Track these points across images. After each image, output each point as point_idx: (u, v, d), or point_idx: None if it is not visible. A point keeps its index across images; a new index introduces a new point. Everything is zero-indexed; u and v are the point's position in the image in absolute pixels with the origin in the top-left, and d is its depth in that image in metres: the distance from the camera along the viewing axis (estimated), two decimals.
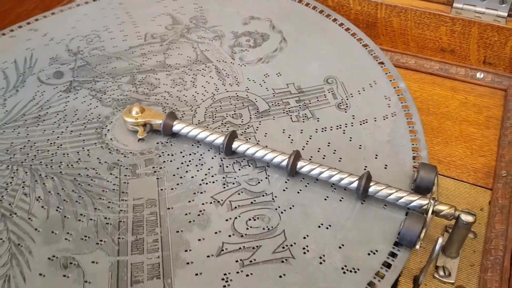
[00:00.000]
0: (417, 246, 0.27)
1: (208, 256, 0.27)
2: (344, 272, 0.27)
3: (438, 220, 0.31)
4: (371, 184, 0.29)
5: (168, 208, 0.30)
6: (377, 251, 0.27)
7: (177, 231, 0.28)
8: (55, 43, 0.43)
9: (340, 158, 0.32)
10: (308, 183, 0.31)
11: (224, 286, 0.26)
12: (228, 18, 0.45)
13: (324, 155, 0.33)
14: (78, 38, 0.44)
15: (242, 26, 0.44)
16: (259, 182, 0.31)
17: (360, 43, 0.41)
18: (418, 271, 0.31)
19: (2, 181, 0.31)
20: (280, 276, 0.26)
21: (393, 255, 0.27)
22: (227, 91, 0.38)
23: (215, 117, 0.36)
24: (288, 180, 0.31)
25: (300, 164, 0.31)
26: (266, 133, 0.35)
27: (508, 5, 0.41)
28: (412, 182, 0.31)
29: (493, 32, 0.41)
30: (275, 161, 0.31)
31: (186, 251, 0.27)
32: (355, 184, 0.30)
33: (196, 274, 0.26)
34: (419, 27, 0.44)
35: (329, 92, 0.38)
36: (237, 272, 0.26)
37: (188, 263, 0.27)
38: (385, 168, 0.32)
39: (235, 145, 0.32)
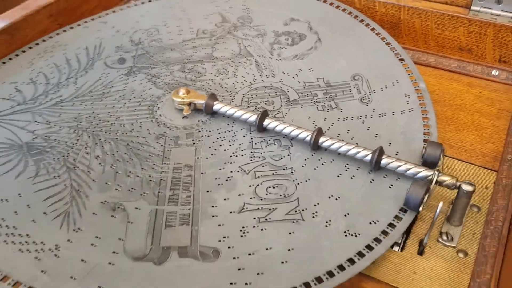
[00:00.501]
0: (420, 209, 0.31)
1: (230, 212, 0.32)
2: (345, 236, 0.31)
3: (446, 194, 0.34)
4: (383, 157, 0.34)
5: (202, 173, 0.35)
6: (378, 221, 0.31)
7: (207, 191, 0.34)
8: (121, 35, 0.50)
9: (357, 143, 0.36)
10: (324, 162, 0.36)
11: (241, 236, 0.31)
12: (271, 19, 0.50)
13: (343, 140, 0.37)
14: (140, 31, 0.50)
15: (283, 27, 0.49)
16: (281, 158, 0.36)
17: (384, 41, 0.45)
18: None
19: (69, 142, 0.38)
20: (290, 233, 0.31)
21: (397, 218, 0.31)
22: (263, 82, 0.43)
23: (250, 102, 0.41)
24: (307, 158, 0.36)
25: (321, 139, 0.35)
26: (293, 118, 0.39)
27: None
28: (421, 159, 0.35)
29: (507, 33, 0.44)
30: (301, 136, 0.36)
31: (212, 207, 0.33)
32: (369, 157, 0.34)
33: (219, 225, 0.31)
34: (439, 27, 0.47)
35: (354, 87, 0.42)
36: (253, 227, 0.31)
37: (213, 216, 0.32)
38: (396, 154, 0.36)
39: (266, 122, 0.37)
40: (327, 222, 0.31)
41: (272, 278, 0.28)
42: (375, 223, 0.31)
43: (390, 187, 0.34)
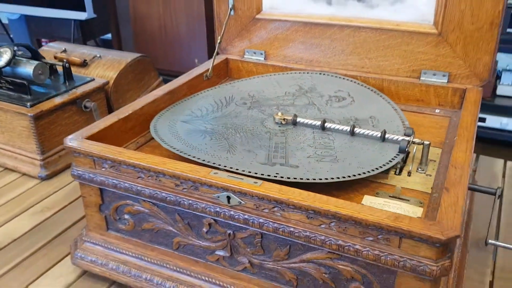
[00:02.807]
0: (407, 150, 0.67)
1: (306, 157, 0.69)
2: (365, 167, 0.66)
3: None
4: (387, 135, 0.70)
5: (289, 145, 0.72)
6: (385, 158, 0.67)
7: (297, 149, 0.70)
8: (243, 92, 0.91)
9: (369, 130, 0.73)
10: (352, 143, 0.72)
11: (309, 163, 0.67)
12: (326, 89, 0.90)
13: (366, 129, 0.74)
14: (253, 91, 0.91)
15: (333, 93, 0.88)
16: (331, 141, 0.73)
17: (385, 100, 0.83)
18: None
19: (223, 131, 0.76)
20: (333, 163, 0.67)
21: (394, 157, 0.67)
22: (320, 117, 0.81)
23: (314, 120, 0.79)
24: (345, 140, 0.72)
25: (356, 130, 0.72)
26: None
27: (446, 77, 0.82)
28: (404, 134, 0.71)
29: (443, 90, 0.82)
30: (334, 128, 0.73)
31: (296, 157, 0.69)
32: (378, 135, 0.70)
33: (297, 166, 0.68)
34: (406, 90, 0.85)
35: (370, 120, 0.79)
36: (309, 157, 0.67)
37: (298, 166, 0.68)
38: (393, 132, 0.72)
39: (325, 124, 0.75)
40: (357, 163, 0.67)
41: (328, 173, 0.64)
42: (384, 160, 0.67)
43: (390, 146, 0.69)
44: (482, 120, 2.52)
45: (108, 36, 3.43)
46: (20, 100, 1.00)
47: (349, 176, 0.63)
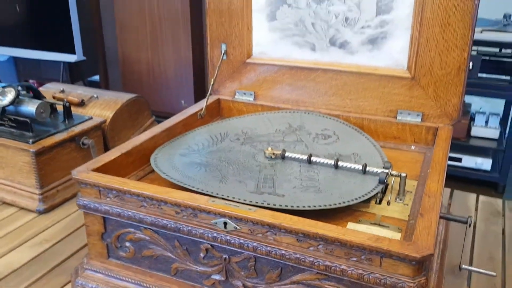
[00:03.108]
0: (386, 181, 0.73)
1: (292, 188, 0.75)
2: (346, 197, 0.73)
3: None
4: (367, 168, 0.77)
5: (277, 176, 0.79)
6: (367, 188, 0.74)
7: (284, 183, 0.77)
8: (236, 128, 0.98)
9: (352, 164, 0.80)
10: (335, 175, 0.79)
11: (294, 193, 0.73)
12: (314, 127, 0.97)
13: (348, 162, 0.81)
14: (246, 128, 0.98)
15: (320, 131, 0.96)
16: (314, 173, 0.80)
17: (365, 137, 0.91)
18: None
19: (218, 164, 0.83)
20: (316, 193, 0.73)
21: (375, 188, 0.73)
22: (307, 152, 0.88)
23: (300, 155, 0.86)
24: (329, 172, 0.79)
25: (339, 163, 0.79)
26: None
27: (420, 116, 0.90)
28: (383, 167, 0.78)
29: (417, 128, 0.90)
30: (319, 161, 0.80)
31: (282, 188, 0.76)
32: (360, 168, 0.77)
33: (283, 195, 0.74)
34: (383, 128, 0.93)
35: (353, 156, 0.87)
36: (294, 188, 0.74)
37: (284, 195, 0.75)
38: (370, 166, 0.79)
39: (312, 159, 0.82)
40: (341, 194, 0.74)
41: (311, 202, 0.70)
42: (365, 190, 0.74)
43: (371, 178, 0.76)
44: (458, 160, 2.63)
45: (96, 77, 3.51)
46: (22, 137, 1.05)
47: (330, 205, 0.70)
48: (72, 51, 2.48)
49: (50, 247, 0.95)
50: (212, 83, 1.04)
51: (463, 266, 0.77)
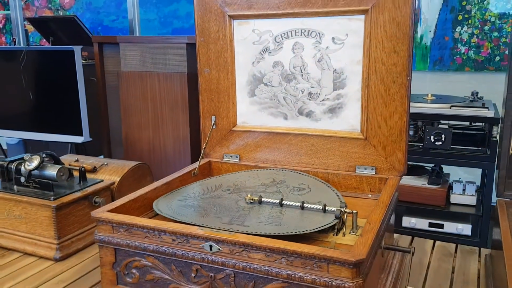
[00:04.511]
0: (340, 216, 0.93)
1: (257, 222, 0.94)
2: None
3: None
4: (327, 208, 0.97)
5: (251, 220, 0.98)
6: (325, 221, 0.93)
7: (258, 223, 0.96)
8: (228, 181, 1.18)
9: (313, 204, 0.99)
10: (301, 215, 0.98)
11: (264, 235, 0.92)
12: (293, 182, 1.18)
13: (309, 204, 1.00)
14: (238, 181, 1.19)
15: (297, 185, 1.16)
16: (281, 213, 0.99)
17: (330, 187, 1.11)
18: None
19: (203, 208, 1.02)
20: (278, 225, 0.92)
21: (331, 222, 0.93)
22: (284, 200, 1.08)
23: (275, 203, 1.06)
24: (295, 211, 0.99)
25: (305, 205, 0.99)
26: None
27: (374, 170, 1.11)
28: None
29: (372, 179, 1.10)
30: (289, 204, 1.00)
31: (250, 222, 0.95)
32: (321, 208, 0.97)
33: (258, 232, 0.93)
34: (346, 180, 1.14)
35: (318, 203, 1.06)
36: (260, 222, 0.93)
37: (249, 226, 0.94)
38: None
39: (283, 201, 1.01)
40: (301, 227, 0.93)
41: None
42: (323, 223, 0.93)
43: (330, 216, 0.95)
44: (440, 226, 2.80)
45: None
46: (44, 195, 1.25)
47: (283, 233, 0.89)
48: (80, 133, 2.73)
49: (66, 286, 1.12)
50: (204, 147, 1.26)
51: (408, 287, 0.95)
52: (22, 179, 1.29)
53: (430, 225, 2.75)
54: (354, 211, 0.96)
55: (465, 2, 3.35)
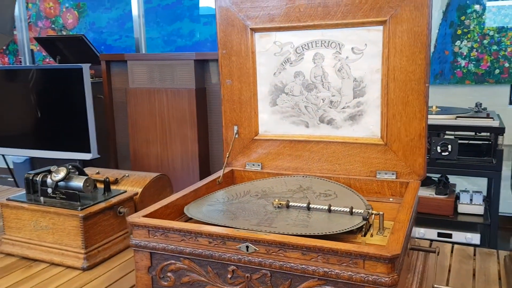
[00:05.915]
0: (367, 217, 0.96)
1: (285, 224, 0.97)
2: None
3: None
4: (354, 210, 1.00)
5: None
6: (353, 223, 0.96)
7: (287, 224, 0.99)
8: (256, 187, 1.21)
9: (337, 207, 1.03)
10: (328, 218, 1.01)
11: (288, 224, 0.95)
12: (319, 189, 1.21)
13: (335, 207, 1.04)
14: (266, 188, 1.22)
15: (324, 191, 1.19)
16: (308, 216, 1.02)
17: (356, 194, 1.15)
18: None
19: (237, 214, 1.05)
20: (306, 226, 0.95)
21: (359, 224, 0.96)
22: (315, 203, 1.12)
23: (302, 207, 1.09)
24: (323, 215, 1.02)
25: (332, 208, 1.02)
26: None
27: (394, 175, 1.14)
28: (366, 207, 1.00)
29: (394, 183, 1.13)
30: (316, 207, 1.03)
31: (277, 224, 0.98)
32: (348, 210, 1.00)
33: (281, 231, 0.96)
34: (367, 185, 1.17)
35: (344, 207, 1.10)
36: (287, 224, 0.96)
37: (276, 227, 0.97)
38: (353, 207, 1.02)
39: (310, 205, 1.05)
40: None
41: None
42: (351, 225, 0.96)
43: (357, 218, 0.98)
44: (449, 236, 2.82)
45: None
46: (71, 206, 1.28)
47: (310, 234, 0.91)
48: (88, 150, 2.76)
49: None
50: (227, 156, 1.30)
51: (435, 285, 0.97)
52: (49, 190, 1.31)
53: (439, 235, 2.77)
54: (381, 212, 1.00)
55: (463, 17, 3.43)
